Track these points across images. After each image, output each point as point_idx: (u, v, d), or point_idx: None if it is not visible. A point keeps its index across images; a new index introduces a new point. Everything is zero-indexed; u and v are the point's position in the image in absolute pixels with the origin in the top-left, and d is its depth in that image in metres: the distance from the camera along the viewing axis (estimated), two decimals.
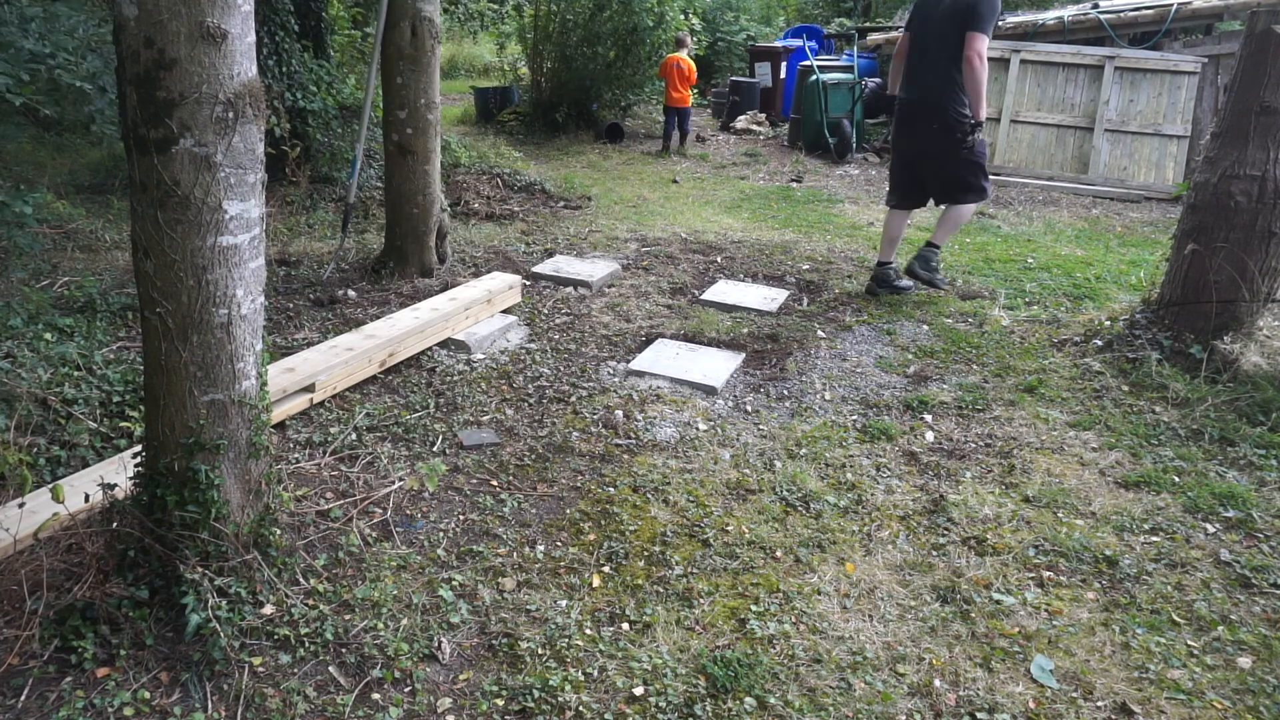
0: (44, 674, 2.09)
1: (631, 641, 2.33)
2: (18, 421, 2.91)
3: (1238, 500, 3.03)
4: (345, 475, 3.05)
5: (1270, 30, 3.78)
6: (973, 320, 4.84)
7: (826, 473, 3.20)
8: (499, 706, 2.10)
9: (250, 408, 2.33)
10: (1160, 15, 9.32)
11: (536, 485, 3.07)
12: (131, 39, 1.99)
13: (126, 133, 2.08)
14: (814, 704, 2.13)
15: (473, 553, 2.68)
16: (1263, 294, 3.89)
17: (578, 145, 10.31)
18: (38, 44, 3.81)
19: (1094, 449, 3.42)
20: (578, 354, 4.21)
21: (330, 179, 6.98)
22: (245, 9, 2.09)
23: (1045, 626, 2.43)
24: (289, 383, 3.35)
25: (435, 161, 5.04)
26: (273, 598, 2.34)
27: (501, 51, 12.74)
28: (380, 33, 4.75)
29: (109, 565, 2.26)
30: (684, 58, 10.32)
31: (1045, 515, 2.98)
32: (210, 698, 2.07)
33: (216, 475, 2.26)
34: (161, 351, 2.19)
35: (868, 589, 2.57)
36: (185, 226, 2.10)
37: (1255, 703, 2.19)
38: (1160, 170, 8.91)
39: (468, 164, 7.98)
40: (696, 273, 5.60)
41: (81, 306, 4.07)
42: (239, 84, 2.08)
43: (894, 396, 3.85)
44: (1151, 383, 3.86)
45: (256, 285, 2.29)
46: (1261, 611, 2.52)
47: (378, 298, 4.77)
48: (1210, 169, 3.97)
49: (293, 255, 5.41)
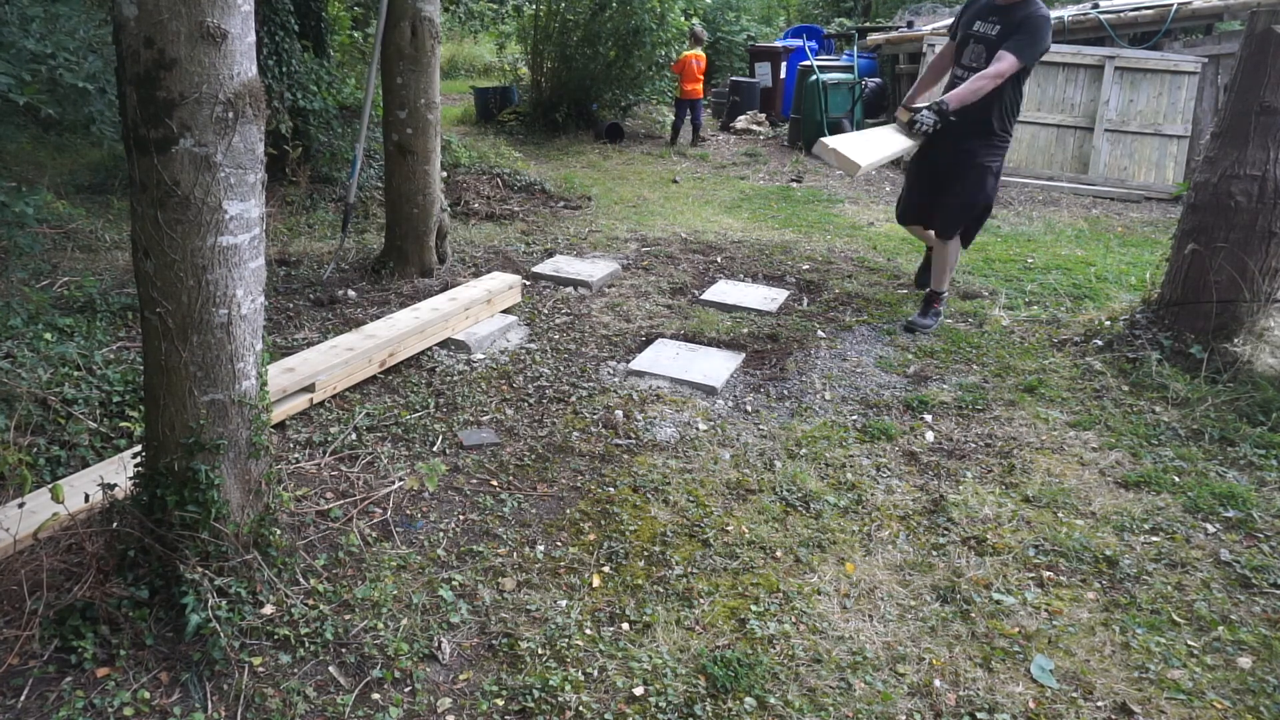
0: (44, 674, 2.09)
1: (631, 641, 2.33)
2: (18, 421, 2.91)
3: (1238, 500, 3.03)
4: (345, 475, 3.05)
5: (1270, 30, 3.78)
6: (973, 320, 4.84)
7: (826, 473, 3.20)
8: (499, 706, 2.10)
9: (250, 408, 2.33)
10: (1160, 15, 9.32)
11: (536, 485, 3.07)
12: (131, 39, 1.99)
13: (126, 133, 2.08)
14: (814, 704, 2.13)
15: (473, 553, 2.68)
16: (1263, 294, 3.89)
17: (578, 145, 10.31)
18: (39, 44, 3.81)
19: (1094, 449, 3.42)
20: (578, 354, 4.21)
21: (330, 179, 6.98)
22: (245, 9, 2.09)
23: (1045, 626, 2.43)
24: (289, 383, 3.35)
25: (435, 161, 5.04)
26: (273, 598, 2.34)
27: (501, 51, 12.75)
28: (380, 32, 4.75)
29: (109, 565, 2.26)
30: (699, 53, 10.57)
31: (1045, 515, 2.98)
32: (210, 698, 2.07)
33: (216, 475, 2.26)
34: (161, 351, 2.19)
35: (868, 589, 2.57)
36: (185, 226, 2.10)
37: (1255, 703, 2.19)
38: (1160, 170, 8.90)
39: (468, 164, 7.98)
40: (696, 273, 5.60)
41: (81, 306, 4.06)
42: (239, 84, 2.08)
43: (894, 396, 3.85)
44: (1152, 383, 3.86)
45: (256, 285, 2.29)
46: (1261, 611, 2.52)
47: (378, 298, 4.76)
48: (1210, 169, 3.97)
49: (293, 255, 5.41)
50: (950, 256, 4.69)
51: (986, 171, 4.44)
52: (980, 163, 4.41)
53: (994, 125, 4.38)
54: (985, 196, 4.52)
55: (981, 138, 4.39)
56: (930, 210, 4.69)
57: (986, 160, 4.43)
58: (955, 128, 4.34)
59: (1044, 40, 4.17)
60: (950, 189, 4.51)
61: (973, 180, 4.44)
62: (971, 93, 4.18)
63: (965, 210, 4.55)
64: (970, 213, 4.59)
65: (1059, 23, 9.79)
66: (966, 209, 4.55)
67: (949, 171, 4.50)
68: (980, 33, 4.35)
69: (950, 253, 4.67)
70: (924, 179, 4.69)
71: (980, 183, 4.45)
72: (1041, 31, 4.16)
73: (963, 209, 4.54)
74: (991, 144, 4.43)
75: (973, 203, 4.52)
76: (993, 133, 4.40)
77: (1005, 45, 4.14)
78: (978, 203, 4.53)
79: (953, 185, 4.50)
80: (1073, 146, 9.22)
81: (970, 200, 4.50)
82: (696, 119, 10.89)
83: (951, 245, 4.65)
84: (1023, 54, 4.13)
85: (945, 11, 13.69)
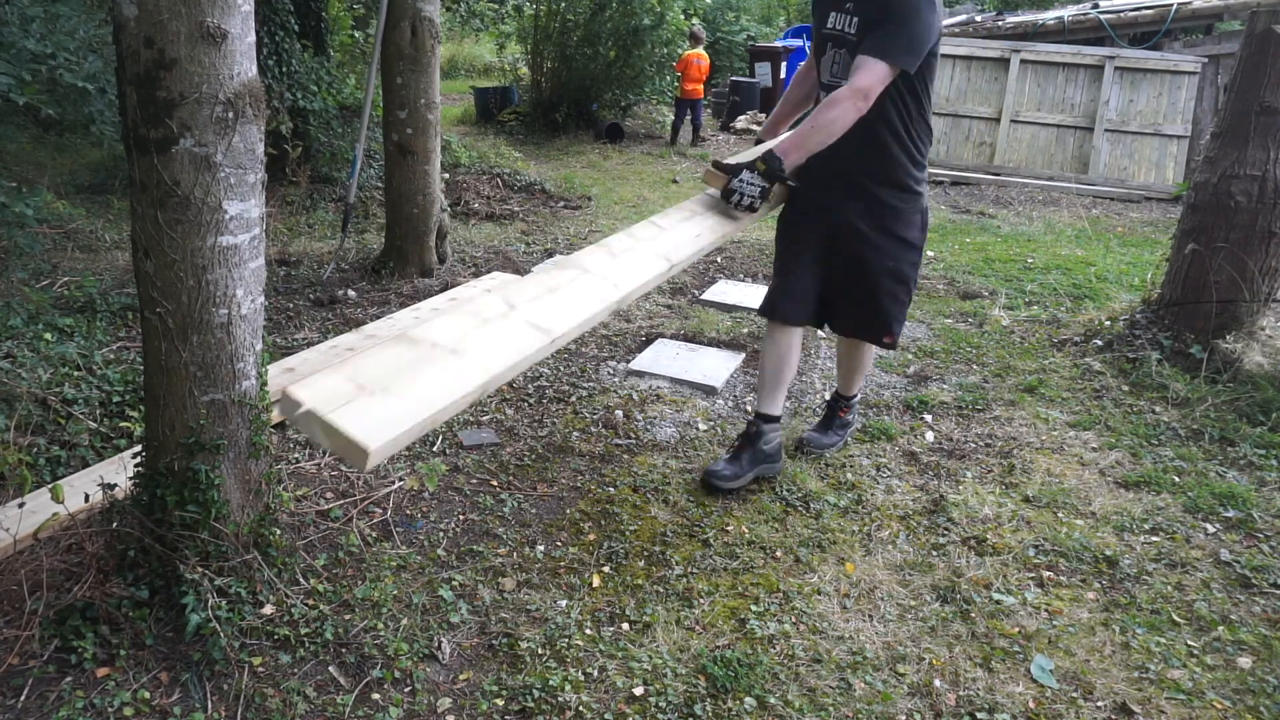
0: (44, 674, 2.09)
1: (631, 641, 2.33)
2: (18, 421, 2.91)
3: (1238, 500, 3.03)
4: (345, 475, 3.05)
5: (1270, 30, 3.78)
6: (973, 320, 4.84)
7: (826, 473, 3.20)
8: (499, 706, 2.10)
9: (250, 408, 2.33)
10: (1160, 15, 9.33)
11: (536, 485, 3.07)
12: (131, 39, 1.99)
13: (126, 133, 2.08)
14: (814, 704, 2.13)
15: (473, 553, 2.68)
16: (1263, 294, 3.89)
17: (578, 145, 10.32)
18: (39, 44, 3.81)
19: (1094, 449, 3.42)
20: (578, 354, 4.21)
21: (330, 179, 6.98)
22: (245, 9, 2.09)
23: (1045, 626, 2.43)
24: (289, 383, 3.34)
25: (435, 161, 5.04)
26: (273, 598, 2.34)
27: (501, 51, 12.76)
28: (380, 32, 4.75)
29: (109, 565, 2.26)
30: (700, 53, 10.61)
31: (1045, 515, 2.98)
32: (210, 698, 2.07)
33: (216, 475, 2.26)
34: (161, 351, 2.19)
35: (868, 589, 2.57)
36: (185, 226, 2.10)
37: (1255, 703, 2.19)
38: (1160, 170, 8.91)
39: (468, 164, 7.99)
40: (696, 273, 5.60)
41: (81, 306, 4.06)
42: (239, 84, 2.08)
43: (894, 396, 3.85)
44: (1151, 383, 3.86)
45: (256, 285, 2.29)
46: (1261, 611, 2.52)
47: (378, 298, 4.76)
48: (1210, 169, 3.97)
49: (293, 255, 5.41)
50: (870, 355, 3.34)
51: (906, 244, 2.90)
52: (895, 232, 2.87)
53: (897, 164, 2.81)
54: (910, 273, 2.95)
55: (886, 187, 2.83)
56: (844, 307, 3.06)
57: (902, 228, 2.87)
58: (829, 185, 2.86)
59: (919, 24, 2.56)
60: (870, 275, 2.92)
61: (893, 253, 2.89)
62: (819, 130, 2.59)
63: (902, 295, 2.98)
64: (905, 294, 3.00)
65: (1059, 22, 9.79)
66: (903, 295, 2.99)
67: (853, 252, 2.91)
68: (837, 30, 2.77)
69: (870, 352, 3.31)
70: (814, 263, 3.00)
71: (904, 254, 2.91)
72: (912, 13, 2.55)
73: (898, 299, 2.98)
74: (904, 196, 2.85)
75: (907, 281, 2.97)
76: (899, 179, 2.83)
77: (864, 46, 2.60)
78: (909, 280, 2.98)
79: (870, 268, 2.91)
80: (1073, 146, 9.23)
81: (904, 281, 2.96)
82: (696, 119, 10.96)
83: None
84: (892, 54, 2.55)
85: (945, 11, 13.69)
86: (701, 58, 10.68)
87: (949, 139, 9.66)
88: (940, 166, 9.54)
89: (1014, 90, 9.39)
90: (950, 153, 9.64)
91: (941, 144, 9.65)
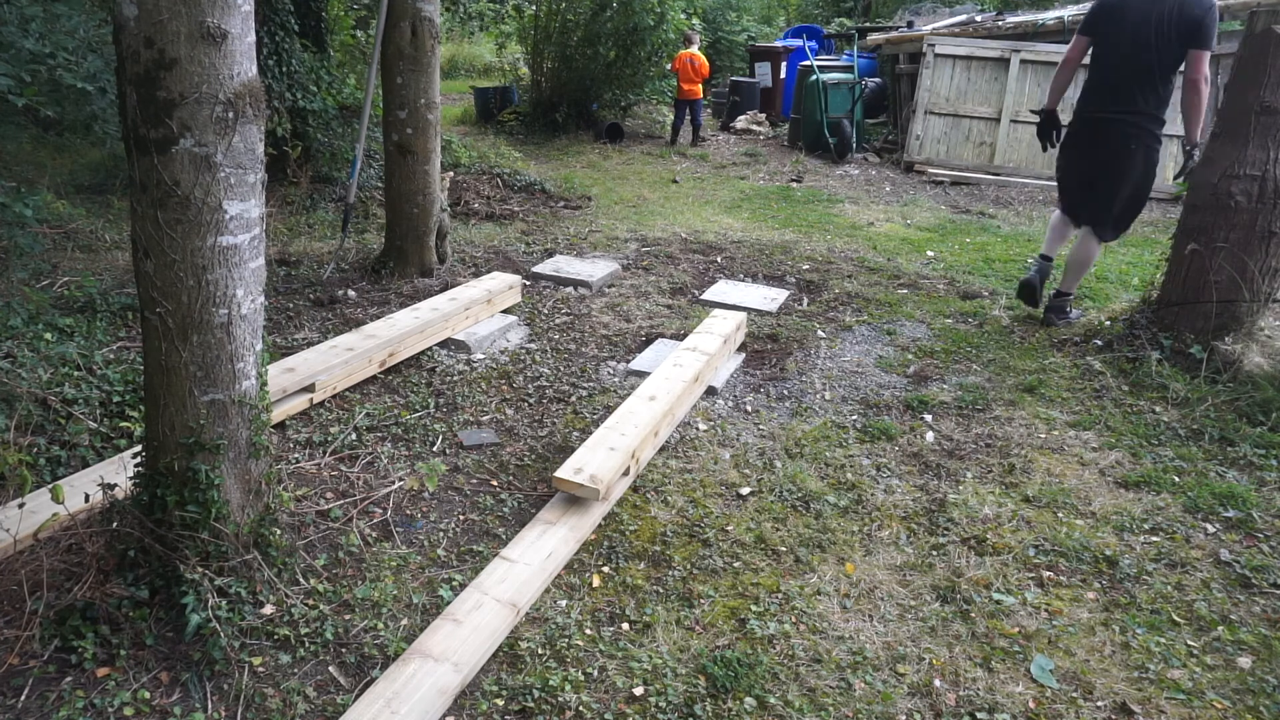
0: (44, 674, 2.09)
1: (631, 641, 2.33)
2: (18, 421, 2.91)
3: (1238, 500, 3.03)
4: (345, 475, 3.05)
5: (1270, 30, 3.78)
6: (973, 320, 4.84)
7: (826, 473, 3.20)
8: (499, 706, 2.10)
9: (250, 408, 2.33)
10: None
11: (536, 485, 3.07)
12: (131, 39, 1.99)
13: (126, 133, 2.08)
14: (814, 704, 2.13)
15: (473, 553, 2.68)
16: (1263, 294, 3.89)
17: (578, 145, 10.32)
18: (38, 44, 3.81)
19: (1094, 449, 3.42)
20: (578, 354, 4.21)
21: (330, 179, 6.98)
22: (245, 9, 2.09)
23: (1045, 626, 2.43)
24: (289, 383, 3.35)
25: (435, 161, 5.04)
26: (273, 598, 2.34)
27: (501, 51, 12.75)
28: (380, 33, 4.75)
29: (109, 565, 2.26)
30: (695, 53, 10.61)
31: (1045, 515, 2.98)
32: (210, 698, 2.07)
33: (216, 475, 2.26)
34: (161, 351, 2.19)
35: (868, 589, 2.57)
36: (185, 226, 2.10)
37: (1255, 703, 2.19)
38: (1160, 170, 8.90)
39: (468, 164, 7.99)
40: (696, 273, 5.60)
41: (81, 306, 4.07)
42: (239, 84, 2.08)
43: (894, 396, 3.85)
44: (1151, 383, 3.86)
45: (256, 285, 2.29)
46: (1261, 611, 2.52)
47: (378, 298, 4.77)
48: (1210, 169, 3.97)
49: (293, 255, 5.41)
50: (1093, 253, 4.73)
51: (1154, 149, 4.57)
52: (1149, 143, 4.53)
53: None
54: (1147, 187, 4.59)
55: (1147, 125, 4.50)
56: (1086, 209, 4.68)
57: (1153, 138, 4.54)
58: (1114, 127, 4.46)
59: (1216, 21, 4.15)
60: (1115, 184, 4.52)
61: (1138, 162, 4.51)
62: (1199, 108, 4.25)
63: (1131, 201, 4.56)
64: (1135, 205, 4.60)
65: (1059, 22, 9.80)
66: (1132, 200, 4.56)
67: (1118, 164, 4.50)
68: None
69: (1094, 250, 4.71)
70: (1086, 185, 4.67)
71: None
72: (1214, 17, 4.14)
73: (1129, 197, 4.54)
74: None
75: (1139, 194, 4.57)
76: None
77: (1195, 44, 4.14)
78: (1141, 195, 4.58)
79: (1118, 180, 4.51)
80: None
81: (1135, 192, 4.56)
82: (696, 119, 10.97)
83: (1094, 246, 4.68)
84: (1211, 45, 4.15)
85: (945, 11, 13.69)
86: (696, 58, 10.64)
87: (949, 139, 9.67)
88: (940, 166, 9.54)
89: (1014, 90, 9.39)
90: (950, 153, 9.65)
91: (941, 144, 9.65)
